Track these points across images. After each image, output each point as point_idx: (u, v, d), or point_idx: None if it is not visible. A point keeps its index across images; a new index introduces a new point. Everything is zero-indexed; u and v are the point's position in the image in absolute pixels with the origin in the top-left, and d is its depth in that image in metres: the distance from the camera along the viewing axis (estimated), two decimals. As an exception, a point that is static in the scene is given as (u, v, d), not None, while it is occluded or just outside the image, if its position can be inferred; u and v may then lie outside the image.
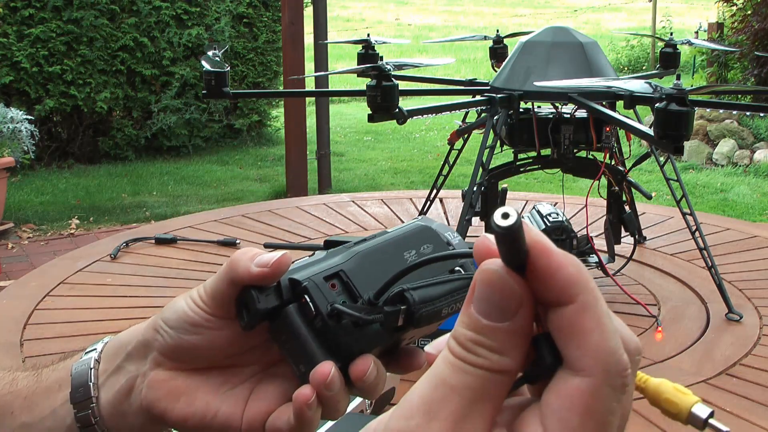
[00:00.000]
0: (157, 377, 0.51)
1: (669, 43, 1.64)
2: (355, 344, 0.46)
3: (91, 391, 0.52)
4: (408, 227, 0.53)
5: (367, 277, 0.48)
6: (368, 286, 0.48)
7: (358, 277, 0.48)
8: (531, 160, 1.47)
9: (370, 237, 0.52)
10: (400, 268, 0.48)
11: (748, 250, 1.67)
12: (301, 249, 1.66)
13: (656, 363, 1.18)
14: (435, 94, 1.63)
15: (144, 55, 6.00)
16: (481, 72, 8.74)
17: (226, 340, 0.50)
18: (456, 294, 0.48)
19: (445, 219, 1.89)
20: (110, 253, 1.62)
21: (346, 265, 0.49)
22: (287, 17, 4.95)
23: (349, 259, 0.49)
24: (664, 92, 1.11)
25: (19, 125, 4.37)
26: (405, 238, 0.51)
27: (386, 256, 0.50)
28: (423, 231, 0.52)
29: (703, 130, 6.25)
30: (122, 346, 0.53)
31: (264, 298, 0.48)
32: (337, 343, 0.46)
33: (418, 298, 0.45)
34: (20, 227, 4.57)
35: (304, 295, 0.47)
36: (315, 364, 0.46)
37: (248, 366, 0.52)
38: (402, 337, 0.49)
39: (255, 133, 6.79)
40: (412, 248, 0.51)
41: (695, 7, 17.69)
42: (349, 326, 0.46)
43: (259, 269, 0.48)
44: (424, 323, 0.46)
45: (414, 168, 6.24)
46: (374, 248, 0.50)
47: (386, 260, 0.50)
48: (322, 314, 0.46)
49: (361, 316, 0.46)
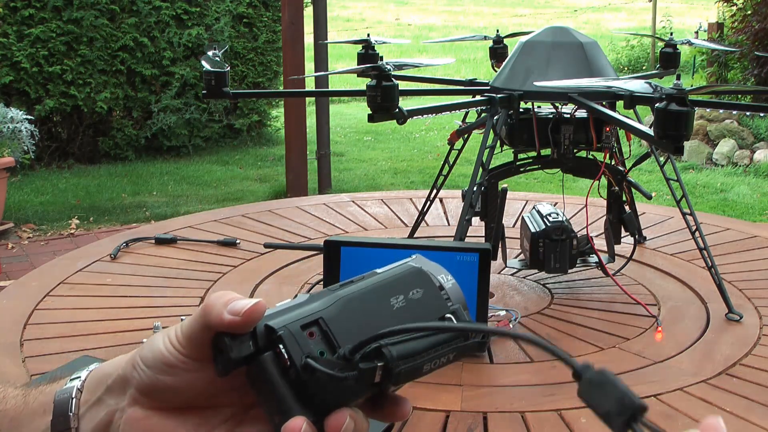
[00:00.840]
0: (135, 415, 0.50)
1: (669, 43, 1.64)
2: (331, 397, 0.44)
3: (71, 422, 0.52)
4: (399, 270, 0.50)
5: (348, 325, 0.46)
6: (349, 334, 0.46)
7: (338, 326, 0.46)
8: (531, 160, 1.47)
9: (358, 278, 0.49)
10: (385, 315, 0.46)
11: (748, 250, 1.67)
12: (301, 249, 1.66)
13: (656, 363, 1.18)
14: (435, 94, 1.63)
15: (144, 55, 6.01)
16: (481, 72, 8.74)
17: (204, 381, 0.49)
18: (440, 348, 0.46)
19: (445, 219, 1.89)
20: (110, 253, 1.62)
21: (327, 312, 0.46)
22: (287, 17, 4.95)
23: (330, 306, 0.47)
24: (664, 92, 1.11)
25: (19, 125, 4.37)
26: (393, 282, 0.49)
27: (371, 303, 0.47)
28: (414, 274, 0.49)
29: (703, 130, 6.25)
30: (104, 377, 0.52)
31: (237, 346, 0.46)
32: (311, 395, 0.44)
33: (397, 354, 0.44)
34: (20, 227, 4.57)
35: (279, 344, 0.45)
36: (289, 416, 0.44)
37: (227, 407, 0.51)
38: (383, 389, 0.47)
39: (255, 133, 6.79)
40: (400, 293, 0.48)
41: (695, 7, 17.69)
42: (324, 379, 0.44)
43: (231, 318, 0.46)
44: (403, 381, 0.45)
45: (414, 168, 6.24)
46: (359, 293, 0.48)
47: (371, 307, 0.47)
48: (297, 366, 0.44)
49: (334, 373, 0.44)
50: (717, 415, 0.34)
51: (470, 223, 1.37)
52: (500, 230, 1.38)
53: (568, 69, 1.38)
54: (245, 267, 1.57)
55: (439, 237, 1.76)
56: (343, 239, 1.15)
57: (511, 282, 1.51)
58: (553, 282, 1.50)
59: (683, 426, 1.01)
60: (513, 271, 1.55)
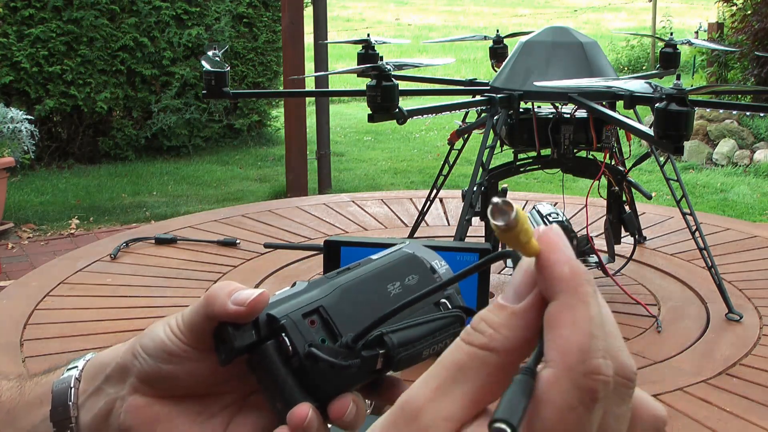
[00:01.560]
0: (135, 403, 0.50)
1: (669, 43, 1.64)
2: (333, 384, 0.46)
3: (70, 411, 0.52)
4: (393, 256, 0.51)
5: (347, 312, 0.47)
6: (349, 321, 0.47)
7: (338, 313, 0.47)
8: (531, 160, 1.47)
9: (354, 265, 0.50)
10: (383, 302, 0.47)
11: (748, 250, 1.67)
12: (301, 249, 1.66)
13: (656, 363, 1.18)
14: (435, 94, 1.63)
15: (144, 55, 6.01)
16: (481, 72, 8.74)
17: (205, 370, 0.49)
18: (438, 334, 0.46)
19: (445, 219, 1.89)
20: (110, 253, 1.62)
21: (326, 300, 0.47)
22: (287, 17, 4.95)
23: (329, 294, 0.48)
24: (664, 92, 1.11)
25: (19, 125, 4.37)
26: (389, 268, 0.50)
27: (369, 290, 0.48)
28: (408, 260, 0.50)
29: (703, 130, 6.25)
30: (102, 366, 0.52)
31: (240, 335, 0.47)
32: (314, 382, 0.45)
33: (398, 342, 0.45)
34: (20, 227, 4.57)
35: (282, 333, 0.46)
36: (292, 403, 0.45)
37: (226, 395, 0.51)
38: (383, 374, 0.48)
39: (255, 133, 6.79)
40: (396, 280, 0.49)
41: (695, 7, 17.69)
42: (327, 367, 0.45)
43: (236, 308, 0.47)
44: (403, 366, 0.46)
45: (414, 168, 6.24)
46: (356, 281, 0.49)
47: (369, 294, 0.48)
48: (299, 354, 0.45)
49: (337, 362, 0.45)
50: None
51: (470, 223, 1.37)
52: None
53: (568, 69, 1.38)
54: (245, 267, 1.57)
55: (439, 237, 1.76)
56: (343, 239, 1.15)
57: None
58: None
59: (683, 426, 1.01)
60: (513, 271, 1.54)
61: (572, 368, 0.31)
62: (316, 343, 0.45)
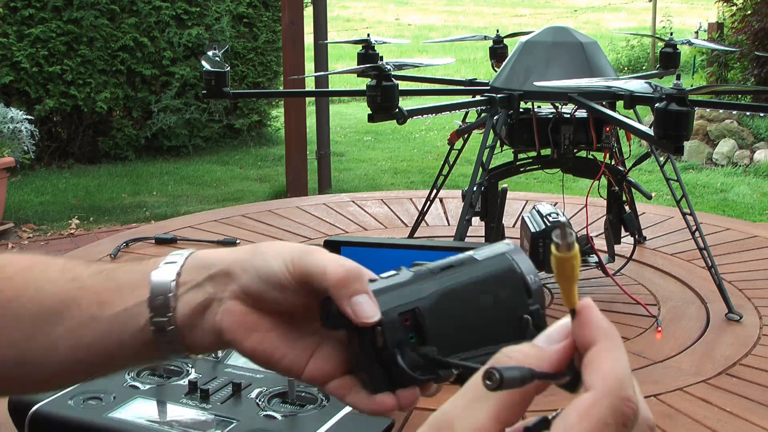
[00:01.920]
0: (234, 308, 0.54)
1: (669, 43, 1.64)
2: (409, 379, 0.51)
3: (170, 301, 0.55)
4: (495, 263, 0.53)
5: (440, 319, 0.51)
6: (439, 327, 0.51)
7: (431, 318, 0.51)
8: (531, 160, 1.47)
9: (457, 262, 0.53)
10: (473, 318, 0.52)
11: (748, 250, 1.67)
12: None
13: (656, 363, 1.18)
14: (435, 94, 1.63)
15: (144, 55, 6.01)
16: (481, 72, 8.74)
17: (304, 302, 0.54)
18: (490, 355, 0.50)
19: (445, 219, 1.89)
20: (110, 253, 1.62)
21: (423, 303, 0.51)
22: (287, 17, 4.95)
23: (427, 296, 0.51)
24: (664, 92, 1.11)
25: (19, 125, 4.37)
26: (488, 278, 0.53)
27: (464, 299, 0.52)
28: (506, 273, 0.53)
29: (703, 130, 6.25)
30: (205, 266, 0.56)
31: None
32: (394, 375, 0.51)
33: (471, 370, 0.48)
34: (20, 227, 4.57)
35: (379, 326, 0.50)
36: (375, 387, 0.51)
37: (317, 323, 0.55)
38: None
39: (255, 133, 6.79)
40: (490, 292, 0.52)
41: (695, 7, 17.69)
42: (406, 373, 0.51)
43: (349, 311, 0.51)
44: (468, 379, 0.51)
45: (414, 168, 6.24)
46: (455, 286, 0.52)
47: (463, 304, 0.52)
48: (389, 350, 0.50)
49: (416, 376, 0.50)
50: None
51: (470, 223, 1.37)
52: (500, 230, 1.38)
53: (568, 69, 1.38)
54: (245, 267, 1.57)
55: (439, 237, 1.76)
56: (343, 239, 1.15)
57: (511, 282, 1.51)
58: (553, 282, 1.50)
59: (683, 426, 1.01)
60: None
61: (612, 393, 0.38)
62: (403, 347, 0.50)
